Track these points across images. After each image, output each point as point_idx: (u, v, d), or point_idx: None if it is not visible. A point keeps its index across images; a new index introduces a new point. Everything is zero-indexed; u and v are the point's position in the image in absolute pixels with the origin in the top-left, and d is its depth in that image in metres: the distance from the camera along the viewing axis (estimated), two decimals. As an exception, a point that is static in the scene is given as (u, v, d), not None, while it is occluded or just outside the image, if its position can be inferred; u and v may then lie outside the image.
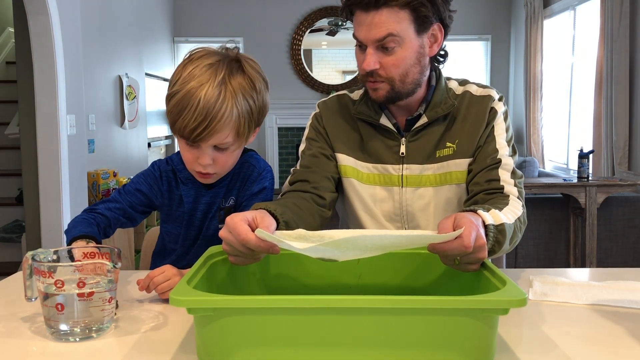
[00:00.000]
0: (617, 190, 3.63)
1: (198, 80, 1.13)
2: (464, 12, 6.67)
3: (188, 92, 1.12)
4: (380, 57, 1.23)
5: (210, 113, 1.12)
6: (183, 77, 1.15)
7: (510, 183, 1.26)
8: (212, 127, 1.13)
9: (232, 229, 0.93)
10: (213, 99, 1.12)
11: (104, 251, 0.97)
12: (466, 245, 0.89)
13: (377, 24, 1.20)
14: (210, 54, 1.18)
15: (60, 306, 0.88)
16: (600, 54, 4.63)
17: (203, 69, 1.14)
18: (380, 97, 1.28)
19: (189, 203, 1.32)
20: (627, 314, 1.02)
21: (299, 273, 1.07)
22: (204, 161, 1.18)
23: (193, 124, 1.12)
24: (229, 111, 1.13)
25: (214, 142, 1.17)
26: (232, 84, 1.15)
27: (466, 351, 0.78)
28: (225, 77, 1.14)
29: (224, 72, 1.14)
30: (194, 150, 1.19)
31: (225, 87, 1.13)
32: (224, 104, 1.13)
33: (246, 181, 1.32)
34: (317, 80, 6.88)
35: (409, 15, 1.21)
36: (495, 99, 1.34)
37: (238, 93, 1.15)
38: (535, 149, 6.06)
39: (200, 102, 1.11)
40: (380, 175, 1.35)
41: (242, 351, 0.78)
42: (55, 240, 3.35)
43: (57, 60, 3.30)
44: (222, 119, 1.13)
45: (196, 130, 1.13)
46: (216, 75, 1.13)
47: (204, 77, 1.13)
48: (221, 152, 1.20)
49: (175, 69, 1.19)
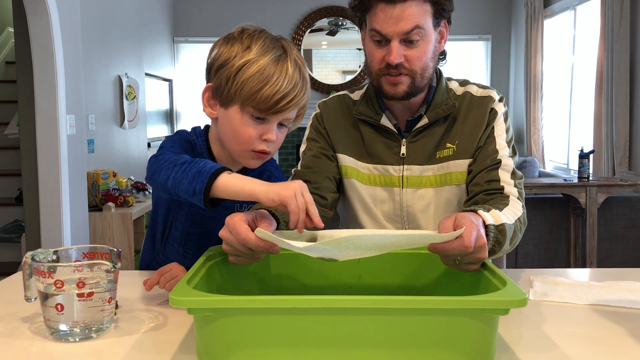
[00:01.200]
0: (617, 191, 3.63)
1: (274, 52, 1.11)
2: (464, 12, 6.67)
3: (273, 60, 1.09)
4: (404, 50, 1.23)
5: (296, 85, 1.10)
6: (255, 49, 1.10)
7: (510, 184, 1.26)
8: (300, 97, 1.11)
9: (232, 229, 0.93)
10: (296, 72, 1.11)
11: (104, 251, 0.96)
12: (467, 245, 0.89)
13: (405, 17, 1.19)
14: (263, 31, 1.15)
15: (60, 306, 0.88)
16: (600, 54, 4.63)
17: (271, 43, 1.12)
18: (400, 92, 1.26)
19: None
20: (627, 314, 1.02)
21: (298, 273, 1.07)
22: (272, 136, 1.13)
23: (284, 90, 1.08)
24: (307, 85, 1.14)
25: (290, 114, 1.13)
26: (300, 59, 1.15)
27: (466, 351, 0.78)
28: (294, 53, 1.14)
29: (288, 46, 1.14)
30: (258, 127, 1.12)
31: (296, 61, 1.13)
32: (301, 77, 1.12)
33: None
34: (317, 80, 6.88)
35: (430, 8, 1.22)
36: (495, 99, 1.34)
37: (303, 67, 1.15)
38: (535, 149, 6.06)
39: (289, 71, 1.10)
40: (380, 176, 1.35)
41: (242, 351, 0.78)
42: (55, 240, 3.34)
43: (56, 60, 3.30)
44: (303, 92, 1.12)
45: (285, 98, 1.09)
46: (285, 49, 1.13)
47: (277, 50, 1.11)
48: (281, 129, 1.16)
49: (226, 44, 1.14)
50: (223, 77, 1.12)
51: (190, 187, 1.00)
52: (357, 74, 6.83)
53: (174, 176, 1.04)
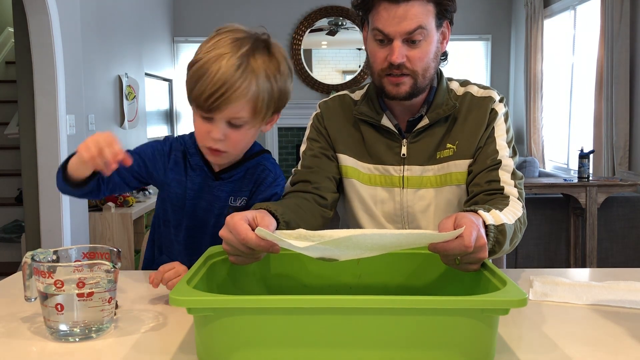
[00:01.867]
0: (617, 191, 3.63)
1: (221, 51, 1.12)
2: (464, 12, 6.67)
3: (208, 61, 1.12)
4: (407, 50, 1.23)
5: (227, 81, 1.11)
6: (207, 47, 1.15)
7: (511, 184, 1.26)
8: (228, 96, 1.11)
9: (232, 228, 0.93)
10: (232, 69, 1.11)
11: (104, 251, 0.96)
12: (467, 244, 0.89)
13: (408, 16, 1.19)
14: (238, 30, 1.17)
15: (59, 306, 0.88)
16: (600, 54, 4.63)
17: (227, 41, 1.14)
18: (402, 92, 1.26)
19: (194, 191, 1.29)
20: (628, 314, 1.02)
21: (299, 273, 1.07)
22: (216, 135, 1.16)
23: (209, 90, 1.11)
24: (247, 83, 1.12)
25: (228, 114, 1.14)
26: (256, 58, 1.14)
27: (466, 351, 0.78)
28: (248, 52, 1.13)
29: (249, 47, 1.14)
30: (207, 124, 1.17)
31: (247, 60, 1.13)
32: (243, 74, 1.12)
33: (260, 184, 1.30)
34: (317, 80, 6.88)
35: (433, 9, 1.22)
36: (496, 100, 1.34)
37: (260, 69, 1.14)
38: (535, 149, 6.06)
39: (220, 70, 1.11)
40: (381, 176, 1.35)
41: (242, 351, 0.78)
42: (55, 240, 3.34)
43: (56, 60, 3.30)
44: (240, 89, 1.12)
45: (211, 98, 1.11)
46: (240, 48, 1.13)
47: (227, 48, 1.13)
48: (234, 129, 1.17)
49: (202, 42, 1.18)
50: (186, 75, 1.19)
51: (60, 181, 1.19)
52: (357, 74, 6.83)
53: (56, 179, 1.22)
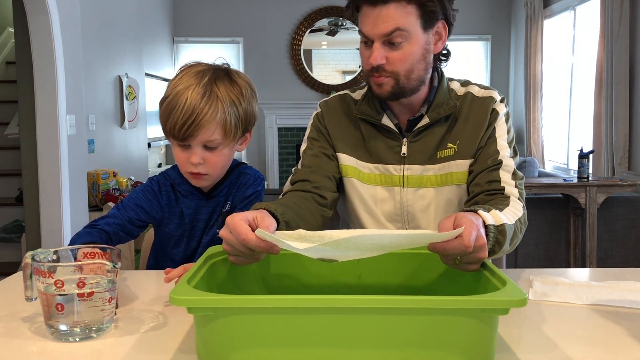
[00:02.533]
0: (617, 191, 3.63)
1: (186, 84, 1.23)
2: (464, 12, 6.66)
3: (176, 95, 1.22)
4: (387, 52, 1.23)
5: (195, 109, 1.20)
6: (173, 84, 1.25)
7: (511, 184, 1.26)
8: (198, 123, 1.21)
9: (233, 229, 0.93)
10: (199, 97, 1.21)
11: (104, 251, 0.96)
12: (466, 244, 0.89)
13: (385, 18, 1.20)
14: (200, 64, 1.28)
15: (60, 306, 0.88)
16: (600, 54, 4.63)
17: (191, 75, 1.25)
18: (385, 92, 1.27)
19: (190, 215, 1.37)
20: (627, 314, 1.02)
21: (299, 273, 1.07)
22: (195, 159, 1.25)
23: (181, 120, 1.21)
24: (214, 108, 1.22)
25: (202, 138, 1.23)
26: (218, 85, 1.24)
27: (466, 351, 0.78)
28: (211, 80, 1.24)
29: (210, 76, 1.24)
30: (185, 152, 1.26)
31: (210, 88, 1.23)
32: (209, 101, 1.22)
33: (241, 186, 1.39)
34: (317, 80, 6.88)
35: (415, 10, 1.22)
36: (497, 100, 1.34)
37: (223, 93, 1.24)
38: (535, 149, 6.06)
39: (187, 101, 1.21)
40: (381, 175, 1.35)
41: (242, 351, 0.78)
42: (55, 240, 3.34)
43: (57, 60, 3.30)
44: (208, 114, 1.21)
45: (184, 127, 1.21)
46: (202, 79, 1.23)
47: (192, 80, 1.23)
48: (211, 151, 1.26)
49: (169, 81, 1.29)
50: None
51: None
52: (357, 74, 6.83)
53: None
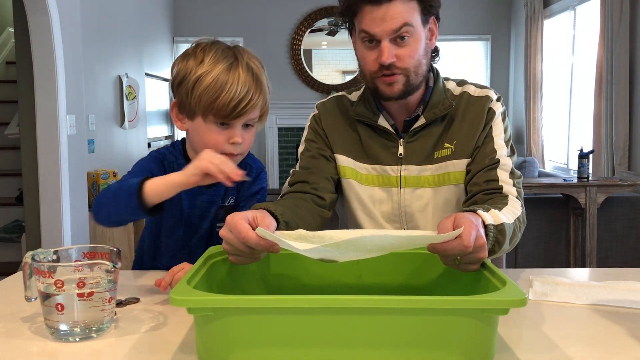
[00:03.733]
0: (617, 191, 3.63)
1: (226, 61, 1.18)
2: (464, 12, 6.67)
3: (224, 71, 1.17)
4: (395, 49, 1.23)
5: (251, 88, 1.18)
6: (207, 61, 1.18)
7: (509, 183, 1.26)
8: (256, 99, 1.18)
9: (233, 228, 0.93)
10: (252, 72, 1.19)
11: (104, 251, 0.96)
12: (466, 244, 0.89)
13: (393, 15, 1.20)
14: (216, 42, 1.23)
15: (60, 306, 0.88)
16: (600, 54, 4.63)
17: (223, 53, 1.20)
18: (396, 91, 1.27)
19: (187, 200, 1.31)
20: (627, 314, 1.02)
21: (299, 273, 1.07)
22: (238, 139, 1.20)
23: (239, 95, 1.16)
24: (261, 85, 1.20)
25: (251, 115, 1.20)
26: (254, 62, 1.22)
27: (466, 351, 0.78)
28: (246, 58, 1.21)
29: (245, 54, 1.22)
30: (224, 132, 1.20)
31: (251, 65, 1.20)
32: (260, 77, 1.20)
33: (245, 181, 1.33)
34: (317, 80, 6.88)
35: (417, 5, 1.23)
36: (493, 99, 1.34)
37: (261, 71, 1.22)
38: (535, 149, 6.06)
39: (241, 77, 1.17)
40: (378, 176, 1.35)
41: (242, 351, 0.78)
42: (55, 240, 3.34)
43: (57, 60, 3.30)
44: (259, 93, 1.19)
45: (241, 103, 1.16)
46: (239, 56, 1.20)
47: (229, 59, 1.19)
48: (247, 130, 1.23)
49: (183, 61, 1.22)
50: (183, 92, 1.20)
51: (128, 208, 1.09)
52: (357, 74, 6.83)
53: (113, 207, 1.14)
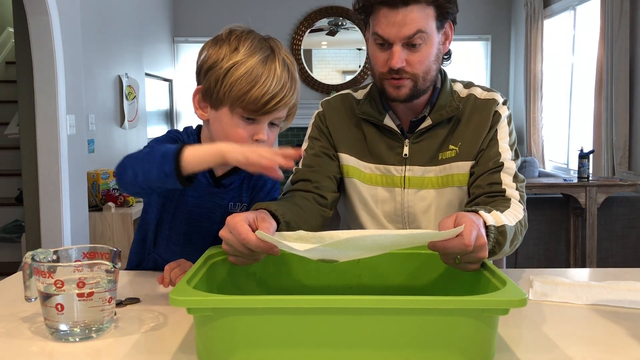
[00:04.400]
0: (617, 191, 3.63)
1: (262, 52, 1.11)
2: (464, 12, 6.65)
3: (261, 61, 1.10)
4: (406, 54, 1.23)
5: (288, 78, 1.11)
6: (243, 50, 1.11)
7: (512, 187, 1.26)
8: (289, 97, 1.12)
9: (233, 229, 0.93)
10: (287, 68, 1.12)
11: (104, 251, 0.96)
12: (466, 243, 0.89)
13: (407, 21, 1.20)
14: (251, 32, 1.16)
15: (60, 306, 0.88)
16: (600, 54, 4.63)
17: (259, 44, 1.13)
18: (403, 95, 1.27)
19: (194, 197, 1.26)
20: (627, 314, 1.02)
21: (299, 273, 1.07)
22: (263, 137, 1.13)
23: (273, 91, 1.09)
24: (298, 83, 1.15)
25: (280, 113, 1.13)
26: (289, 58, 1.15)
27: (466, 351, 0.78)
28: (283, 53, 1.14)
29: (282, 49, 1.15)
30: (249, 127, 1.13)
31: (287, 61, 1.14)
32: (294, 74, 1.14)
33: (259, 191, 1.31)
34: (317, 80, 6.88)
35: (433, 12, 1.22)
36: (499, 102, 1.34)
37: (295, 68, 1.16)
38: (535, 149, 6.06)
39: (277, 71, 1.10)
40: (382, 176, 1.35)
41: (242, 351, 0.78)
42: (55, 240, 3.34)
43: (57, 60, 3.29)
44: (295, 89, 1.14)
45: (274, 99, 1.09)
46: (275, 49, 1.14)
47: (265, 50, 1.12)
48: (272, 129, 1.16)
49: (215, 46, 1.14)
50: (212, 79, 1.12)
51: (161, 172, 1.00)
52: (357, 74, 6.83)
53: (141, 169, 1.03)
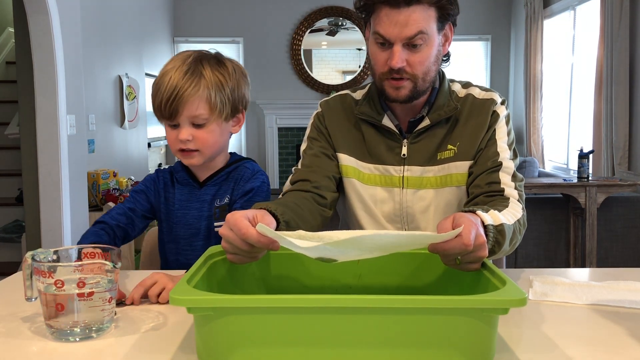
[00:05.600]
0: (617, 191, 3.63)
1: (172, 65, 1.28)
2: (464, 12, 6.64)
3: (163, 75, 1.28)
4: (407, 55, 1.23)
5: (178, 85, 1.25)
6: (163, 67, 1.30)
7: (511, 186, 1.26)
8: (180, 97, 1.25)
9: (233, 225, 0.92)
10: (182, 74, 1.26)
11: (104, 251, 0.96)
12: (466, 243, 0.89)
13: (409, 22, 1.20)
14: (189, 50, 1.33)
15: (60, 306, 0.88)
16: (600, 54, 4.63)
17: (178, 57, 1.30)
18: (402, 95, 1.27)
19: (181, 201, 1.38)
20: (627, 314, 1.02)
21: (299, 273, 1.07)
22: (183, 136, 1.28)
23: (165, 97, 1.25)
24: (196, 83, 1.26)
25: (187, 114, 1.26)
26: (203, 64, 1.28)
27: (466, 351, 0.78)
28: (196, 60, 1.28)
29: (195, 56, 1.29)
30: (174, 131, 1.30)
31: (195, 66, 1.27)
32: (192, 77, 1.26)
33: (239, 180, 1.37)
34: (317, 80, 6.88)
35: (435, 13, 1.22)
36: (497, 102, 1.34)
37: (208, 71, 1.28)
38: (535, 149, 6.06)
39: (171, 79, 1.26)
40: (381, 176, 1.35)
41: (242, 351, 0.78)
42: (55, 240, 3.34)
43: (57, 60, 3.30)
44: (190, 89, 1.25)
45: (168, 103, 1.25)
46: (187, 59, 1.29)
47: (177, 62, 1.29)
48: (199, 128, 1.29)
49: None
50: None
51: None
52: (357, 74, 6.83)
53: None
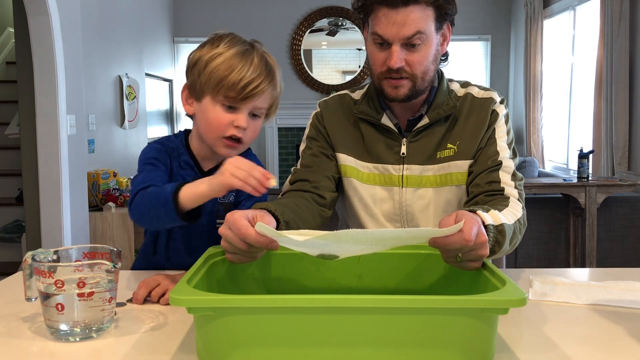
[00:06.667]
0: (617, 191, 3.63)
1: (241, 46, 1.21)
2: (464, 12, 6.66)
3: (238, 53, 1.19)
4: (405, 54, 1.23)
5: (262, 74, 1.19)
6: (222, 44, 1.21)
7: (511, 185, 1.26)
8: (265, 85, 1.19)
9: (232, 224, 0.92)
10: (265, 60, 1.21)
11: (104, 251, 0.97)
12: (467, 238, 0.89)
13: (407, 21, 1.20)
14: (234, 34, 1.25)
15: (60, 306, 0.88)
16: (600, 54, 4.63)
17: (239, 40, 1.23)
18: (401, 94, 1.27)
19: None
20: (627, 314, 1.02)
21: (299, 275, 1.07)
22: (243, 122, 1.20)
23: (250, 77, 1.17)
24: (272, 78, 1.22)
25: (256, 104, 1.20)
26: (269, 56, 1.25)
27: (466, 351, 0.78)
28: (262, 50, 1.24)
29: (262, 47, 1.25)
30: (230, 114, 1.21)
31: (266, 56, 1.23)
32: (267, 71, 1.21)
33: None
34: (317, 80, 6.88)
35: (432, 13, 1.23)
36: (496, 101, 1.34)
37: (275, 65, 1.25)
38: (535, 149, 6.06)
39: (254, 62, 1.19)
40: (380, 175, 1.36)
41: (242, 351, 0.79)
42: (55, 240, 3.34)
43: (57, 60, 3.30)
44: (267, 83, 1.20)
45: (251, 85, 1.17)
46: (256, 46, 1.24)
47: (245, 45, 1.22)
48: (254, 119, 1.24)
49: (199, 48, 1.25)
50: (195, 72, 1.23)
51: (168, 219, 1.11)
52: (357, 74, 6.83)
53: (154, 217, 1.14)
